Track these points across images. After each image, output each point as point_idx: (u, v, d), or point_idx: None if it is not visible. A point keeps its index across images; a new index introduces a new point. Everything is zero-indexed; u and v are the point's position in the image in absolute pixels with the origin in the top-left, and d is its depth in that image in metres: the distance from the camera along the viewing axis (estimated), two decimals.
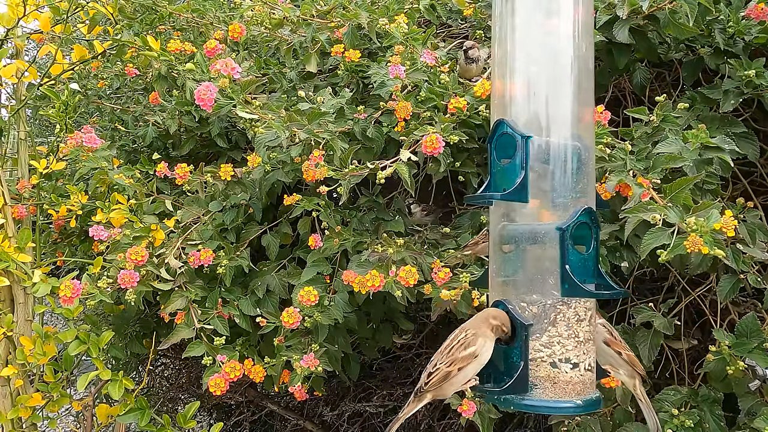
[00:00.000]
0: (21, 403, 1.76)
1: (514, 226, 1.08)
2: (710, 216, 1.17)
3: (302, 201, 1.69)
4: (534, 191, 1.05)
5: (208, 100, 1.54)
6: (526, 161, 1.04)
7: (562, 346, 1.04)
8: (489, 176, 1.11)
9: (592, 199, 1.09)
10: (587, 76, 1.09)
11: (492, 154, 1.10)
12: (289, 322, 1.58)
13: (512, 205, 1.08)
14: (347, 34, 1.82)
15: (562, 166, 1.06)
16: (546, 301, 1.05)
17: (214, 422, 2.44)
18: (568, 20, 1.07)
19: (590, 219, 1.06)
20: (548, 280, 1.05)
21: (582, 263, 1.05)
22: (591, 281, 1.06)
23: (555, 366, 1.04)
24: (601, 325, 1.18)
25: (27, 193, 1.93)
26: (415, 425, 2.56)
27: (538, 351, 1.05)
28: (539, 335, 1.05)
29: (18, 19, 1.86)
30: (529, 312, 1.06)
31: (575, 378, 1.04)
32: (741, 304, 1.73)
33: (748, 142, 1.57)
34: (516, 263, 1.09)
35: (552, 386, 1.04)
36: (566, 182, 1.06)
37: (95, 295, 1.62)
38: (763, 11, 1.55)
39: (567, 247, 1.03)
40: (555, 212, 1.06)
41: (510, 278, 1.10)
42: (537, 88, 1.07)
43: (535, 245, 1.07)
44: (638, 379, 1.24)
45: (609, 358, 1.19)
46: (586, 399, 1.05)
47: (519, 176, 1.04)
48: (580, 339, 1.05)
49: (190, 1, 2.12)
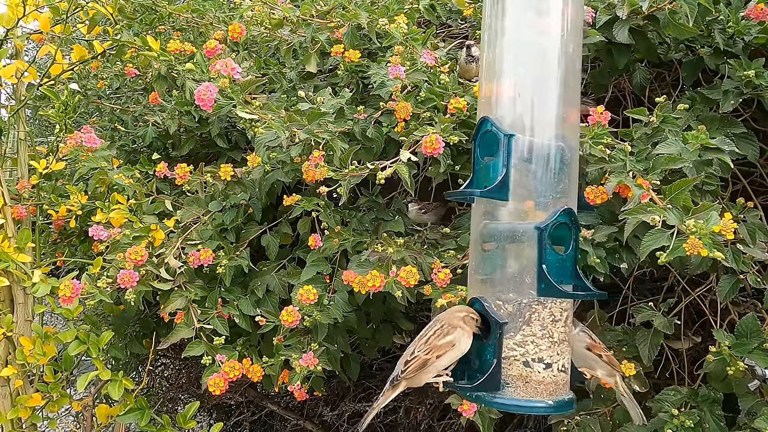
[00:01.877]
0: (21, 403, 1.76)
1: (494, 225, 1.08)
2: (710, 218, 1.17)
3: (302, 201, 1.69)
4: (515, 190, 1.05)
5: (208, 101, 1.54)
6: (508, 159, 1.04)
7: (535, 346, 1.04)
8: (472, 173, 1.11)
9: (573, 200, 1.09)
10: (574, 76, 1.09)
11: (476, 151, 1.10)
12: (289, 321, 1.58)
13: (494, 204, 1.08)
14: (347, 34, 1.82)
15: (545, 165, 1.06)
16: (522, 300, 1.05)
17: (214, 422, 2.44)
18: (557, 20, 1.07)
19: (570, 219, 1.06)
20: (525, 279, 1.05)
21: (559, 263, 1.05)
22: (568, 282, 1.06)
23: (528, 365, 1.04)
24: (582, 332, 1.19)
25: (27, 193, 1.94)
26: (415, 425, 2.56)
27: (512, 350, 1.05)
28: (513, 334, 1.05)
29: (18, 19, 1.86)
30: (505, 310, 1.06)
31: (548, 378, 1.04)
32: (741, 304, 1.73)
33: (747, 142, 1.57)
34: (494, 261, 1.09)
35: (524, 385, 1.04)
36: (548, 182, 1.06)
37: (95, 295, 1.62)
38: (763, 11, 1.55)
39: (545, 246, 1.03)
40: (536, 211, 1.05)
41: (488, 276, 1.10)
42: (523, 87, 1.07)
43: (514, 244, 1.06)
44: (618, 376, 1.26)
45: (590, 361, 1.20)
46: (557, 399, 1.05)
47: (500, 174, 1.04)
48: (555, 339, 1.05)
49: (189, 1, 2.12)
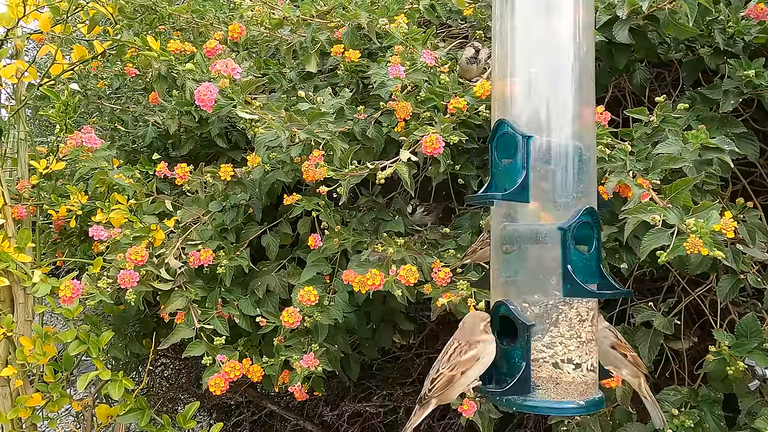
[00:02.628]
0: (21, 403, 1.76)
1: (515, 227, 1.08)
2: (710, 217, 1.17)
3: (302, 201, 1.69)
4: (535, 191, 1.05)
5: (208, 101, 1.54)
6: (527, 161, 1.04)
7: (564, 347, 1.04)
8: (490, 176, 1.11)
9: (593, 199, 1.09)
10: (588, 76, 1.09)
11: (493, 154, 1.10)
12: (290, 322, 1.58)
13: (514, 206, 1.08)
14: (347, 34, 1.82)
15: (564, 166, 1.06)
16: (548, 302, 1.05)
17: (214, 422, 2.44)
18: (569, 21, 1.07)
19: (592, 219, 1.06)
20: (550, 280, 1.05)
21: (584, 263, 1.04)
22: (593, 281, 1.06)
23: (557, 366, 1.04)
24: (607, 330, 1.19)
25: (27, 193, 1.93)
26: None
27: (540, 351, 1.04)
28: (541, 336, 1.04)
29: (18, 19, 1.85)
30: (531, 312, 1.06)
31: (578, 378, 1.04)
32: (741, 304, 1.73)
33: (747, 142, 1.57)
34: (518, 263, 1.08)
35: (554, 387, 1.04)
36: (568, 182, 1.06)
37: (95, 295, 1.62)
38: (763, 11, 1.55)
39: (569, 247, 1.03)
40: (557, 212, 1.05)
41: (512, 279, 1.09)
42: (538, 88, 1.07)
43: (537, 245, 1.06)
44: (642, 378, 1.26)
45: (615, 360, 1.20)
46: (588, 400, 1.05)
47: (520, 176, 1.04)
48: (583, 339, 1.05)
49: (189, 2, 2.12)
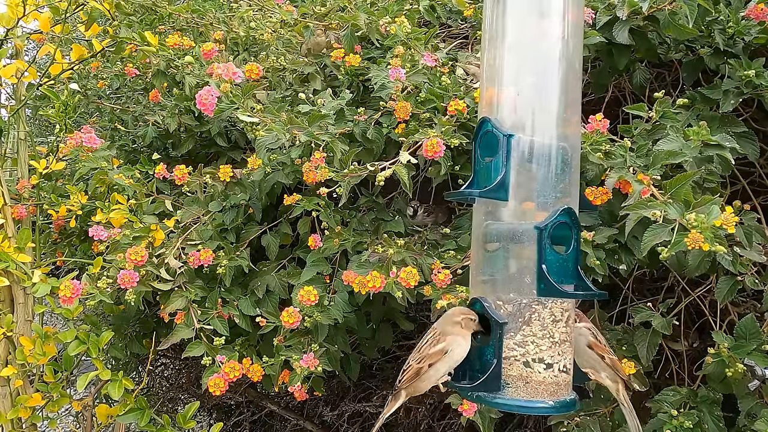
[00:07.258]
0: (21, 403, 1.76)
1: (496, 225, 1.08)
2: (710, 212, 1.16)
3: (302, 201, 1.69)
4: (516, 190, 1.05)
5: (209, 105, 1.54)
6: (507, 159, 1.04)
7: (536, 346, 1.04)
8: (472, 173, 1.11)
9: (574, 200, 1.08)
10: (574, 76, 1.08)
11: (476, 151, 1.10)
12: (290, 322, 1.58)
13: (495, 204, 1.07)
14: (346, 36, 1.82)
15: (546, 165, 1.05)
16: (521, 300, 1.04)
17: (214, 422, 2.45)
18: (558, 20, 1.06)
19: (570, 219, 1.05)
20: (525, 279, 1.04)
21: (560, 263, 1.04)
22: (569, 282, 1.05)
23: (528, 365, 1.03)
24: (585, 328, 1.17)
25: (27, 193, 1.93)
26: (415, 425, 2.56)
27: (512, 350, 1.04)
28: (513, 334, 1.04)
29: (18, 19, 1.85)
30: (505, 310, 1.05)
31: (548, 378, 1.04)
32: (740, 305, 1.73)
33: (748, 141, 1.57)
34: (496, 262, 1.08)
35: (524, 385, 1.04)
36: (549, 182, 1.05)
37: (95, 295, 1.62)
38: (763, 11, 1.55)
39: (544, 246, 1.02)
40: (536, 211, 1.05)
41: (489, 277, 1.09)
42: (523, 87, 1.07)
43: (515, 244, 1.06)
44: (621, 384, 1.22)
45: (592, 361, 1.17)
46: (559, 400, 1.04)
47: (500, 174, 1.04)
48: (556, 340, 1.04)
49: (189, 2, 2.12)
